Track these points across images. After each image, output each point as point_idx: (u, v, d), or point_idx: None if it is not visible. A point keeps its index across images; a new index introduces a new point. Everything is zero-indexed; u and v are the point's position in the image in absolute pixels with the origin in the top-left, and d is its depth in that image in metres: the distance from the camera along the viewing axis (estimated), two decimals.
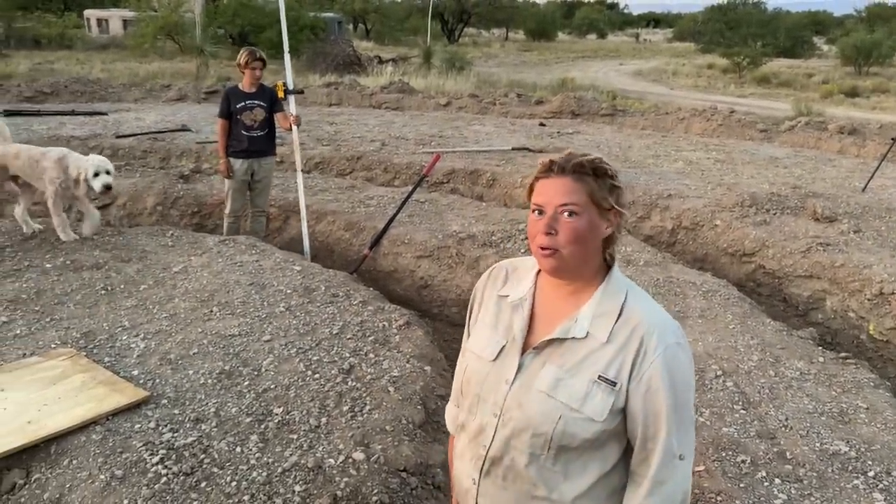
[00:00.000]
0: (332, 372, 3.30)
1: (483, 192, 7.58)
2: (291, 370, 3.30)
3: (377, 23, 41.83)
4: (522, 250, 5.31)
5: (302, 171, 5.66)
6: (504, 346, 1.37)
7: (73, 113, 10.63)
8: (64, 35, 30.31)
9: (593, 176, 1.28)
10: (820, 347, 4.03)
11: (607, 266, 1.35)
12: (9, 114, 10.29)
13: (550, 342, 1.32)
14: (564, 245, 1.26)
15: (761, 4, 42.22)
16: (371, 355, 3.50)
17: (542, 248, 1.27)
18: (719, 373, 3.57)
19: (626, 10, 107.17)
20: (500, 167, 7.92)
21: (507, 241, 5.49)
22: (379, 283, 5.43)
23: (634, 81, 25.68)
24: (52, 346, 3.42)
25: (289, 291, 4.27)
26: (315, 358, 3.43)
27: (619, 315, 1.29)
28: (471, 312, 1.52)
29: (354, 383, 3.22)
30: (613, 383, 1.26)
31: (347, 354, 3.49)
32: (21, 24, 30.24)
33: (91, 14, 34.85)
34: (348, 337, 3.69)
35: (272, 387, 3.13)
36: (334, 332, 3.73)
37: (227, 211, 5.66)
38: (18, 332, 3.57)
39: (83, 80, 13.87)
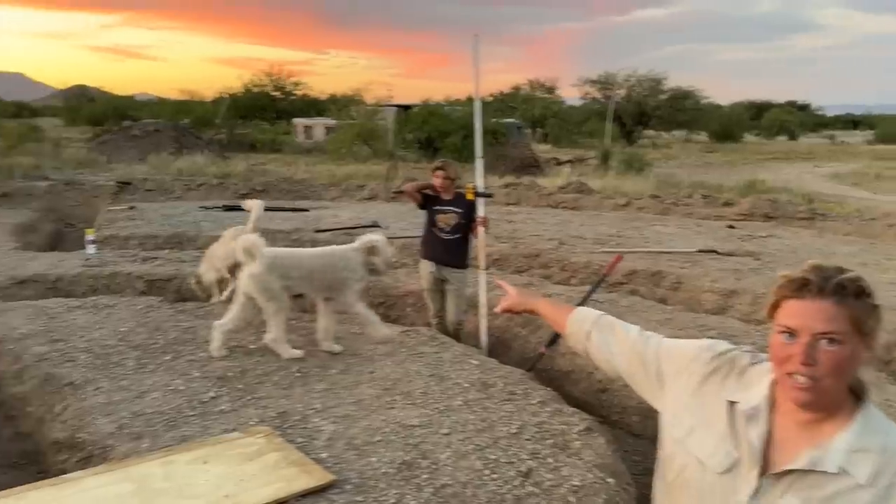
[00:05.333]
0: (510, 474, 3.20)
1: (666, 294, 7.26)
2: (469, 467, 3.25)
3: (555, 126, 43.00)
4: None
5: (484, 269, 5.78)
6: (737, 461, 1.23)
7: (280, 209, 11.81)
8: (275, 140, 34.28)
9: (854, 297, 1.15)
10: None
11: (852, 392, 1.20)
12: (227, 208, 11.64)
13: (792, 470, 1.17)
14: (823, 377, 1.13)
15: None
16: (550, 460, 3.36)
17: (799, 380, 1.15)
18: None
19: (819, 112, 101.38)
20: (685, 269, 7.58)
21: None
22: (555, 383, 5.29)
23: (832, 185, 23.91)
24: (251, 423, 3.65)
25: (466, 385, 4.27)
26: (492, 457, 3.36)
27: (882, 455, 1.12)
28: (664, 365, 1.45)
29: (533, 489, 3.09)
30: None
31: (525, 456, 3.38)
32: (241, 131, 34.70)
33: (298, 122, 39.13)
34: (526, 438, 3.59)
35: (450, 483, 3.09)
36: (512, 432, 3.65)
37: (429, 314, 5.88)
38: (223, 407, 3.86)
39: (290, 180, 15.46)
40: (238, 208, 11.61)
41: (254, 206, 6.11)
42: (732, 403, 1.30)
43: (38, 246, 9.58)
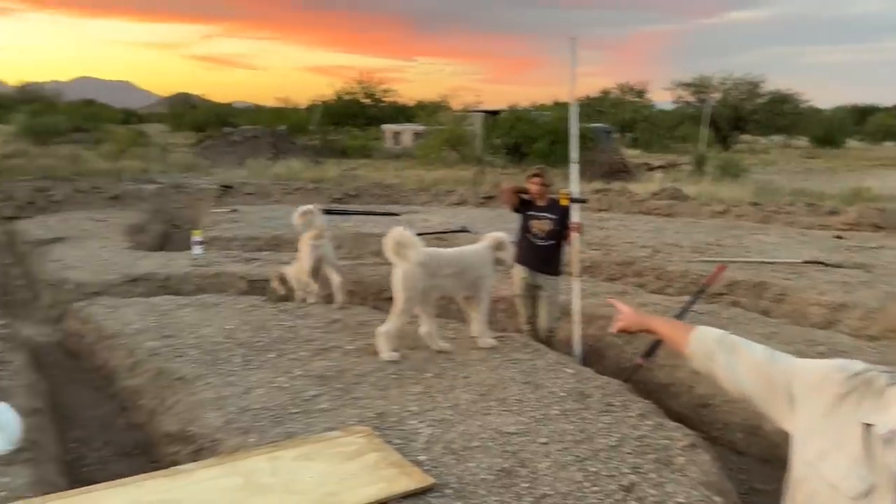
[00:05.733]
0: (611, 487, 3.13)
1: (770, 307, 6.94)
2: (568, 478, 3.19)
3: (645, 131, 41.95)
4: None
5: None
6: (873, 486, 1.17)
7: (372, 213, 12.05)
8: (365, 146, 35.05)
9: None
10: None
11: None
12: (326, 212, 11.98)
13: None
14: None
15: None
16: (653, 475, 3.26)
17: None
18: None
19: None
20: (790, 281, 7.22)
21: None
22: (653, 395, 5.13)
23: None
24: (351, 422, 3.73)
25: (563, 394, 4.21)
26: (593, 469, 3.29)
27: None
28: (794, 386, 1.38)
29: None
30: None
31: (627, 470, 3.29)
32: (333, 137, 35.70)
33: (388, 128, 39.84)
34: (627, 451, 3.50)
35: (550, 493, 3.05)
36: (611, 444, 3.57)
37: (521, 320, 5.85)
38: (324, 406, 3.96)
39: (380, 185, 15.77)
40: (334, 212, 11.93)
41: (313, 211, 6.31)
42: (868, 426, 1.23)
43: (147, 246, 10.15)
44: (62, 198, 13.17)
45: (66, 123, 31.16)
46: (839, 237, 10.25)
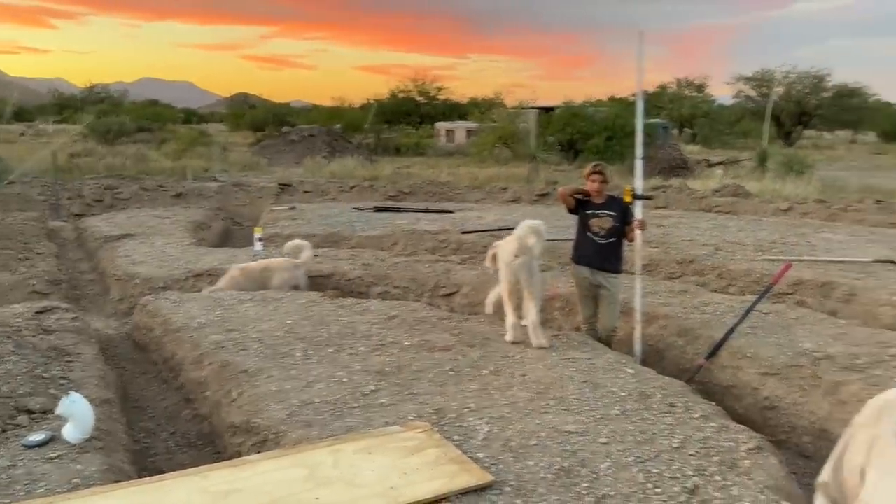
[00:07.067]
0: (675, 489, 3.07)
1: (837, 307, 6.68)
2: (630, 479, 3.15)
3: (705, 126, 40.96)
4: (895, 378, 4.50)
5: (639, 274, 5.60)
6: None
7: (426, 210, 12.11)
8: (419, 144, 35.26)
9: None
10: None
11: None
12: (378, 209, 12.09)
13: None
14: None
15: None
16: (717, 478, 3.19)
17: None
18: None
19: None
20: (859, 281, 6.95)
21: (876, 366, 4.70)
22: (715, 397, 5.00)
23: None
24: (410, 417, 3.76)
25: (623, 394, 4.15)
26: (655, 471, 3.23)
27: None
28: (844, 457, 1.30)
29: None
30: None
31: (690, 472, 3.23)
32: (387, 136, 36.01)
33: (441, 126, 39.97)
34: (690, 453, 3.42)
35: (611, 493, 3.01)
36: (674, 446, 3.50)
37: (580, 318, 5.80)
38: (383, 401, 4.00)
39: (434, 183, 15.81)
40: (388, 209, 12.04)
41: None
42: None
43: (210, 242, 10.45)
44: (129, 195, 13.67)
45: (131, 123, 32.29)
46: None
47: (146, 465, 4.00)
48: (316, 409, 3.86)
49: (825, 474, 1.37)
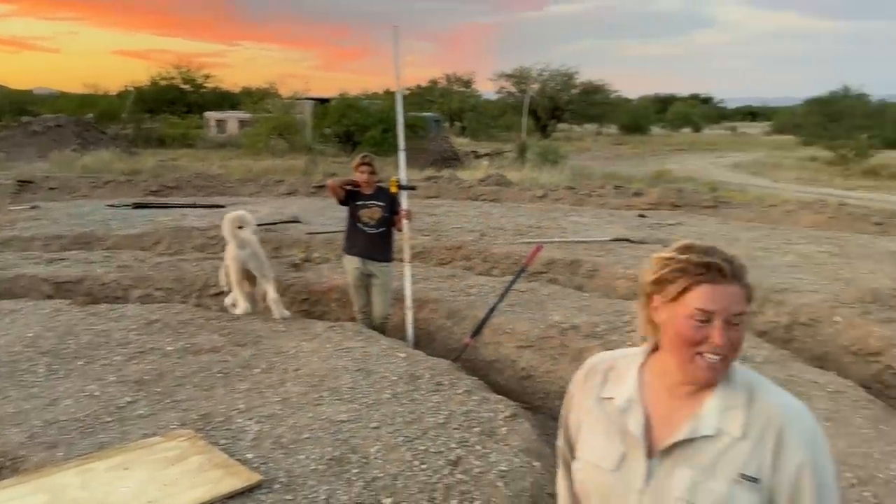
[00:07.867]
0: (440, 463, 3.25)
1: (583, 282, 7.48)
2: (398, 459, 3.27)
3: (473, 120, 43.40)
4: (627, 343, 5.16)
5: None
6: (624, 453, 1.29)
7: (194, 206, 11.43)
8: (186, 135, 33.12)
9: (745, 278, 1.24)
10: None
11: None
12: (137, 206, 11.18)
13: (676, 444, 1.24)
14: (730, 353, 1.22)
15: (865, 96, 41.17)
16: (478, 447, 3.43)
17: (711, 359, 1.22)
18: (854, 481, 3.27)
19: (721, 104, 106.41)
20: (600, 258, 7.83)
21: (612, 332, 5.35)
22: (480, 372, 5.37)
23: (734, 174, 25.21)
24: (172, 427, 3.55)
25: (394, 378, 4.29)
26: (422, 448, 3.39)
27: (750, 407, 1.23)
28: (567, 419, 1.45)
29: (462, 476, 3.15)
30: (756, 480, 1.19)
31: (454, 445, 3.43)
32: (148, 126, 33.36)
33: (210, 116, 37.93)
34: (454, 427, 3.64)
35: (380, 476, 3.11)
36: (440, 422, 3.69)
37: (355, 308, 5.84)
38: (142, 412, 3.73)
39: (203, 176, 14.96)
40: (149, 206, 11.18)
41: None
42: (606, 400, 1.35)
43: None
44: None
45: None
46: (642, 216, 11.26)
47: None
48: (62, 427, 3.49)
49: (560, 437, 1.51)
